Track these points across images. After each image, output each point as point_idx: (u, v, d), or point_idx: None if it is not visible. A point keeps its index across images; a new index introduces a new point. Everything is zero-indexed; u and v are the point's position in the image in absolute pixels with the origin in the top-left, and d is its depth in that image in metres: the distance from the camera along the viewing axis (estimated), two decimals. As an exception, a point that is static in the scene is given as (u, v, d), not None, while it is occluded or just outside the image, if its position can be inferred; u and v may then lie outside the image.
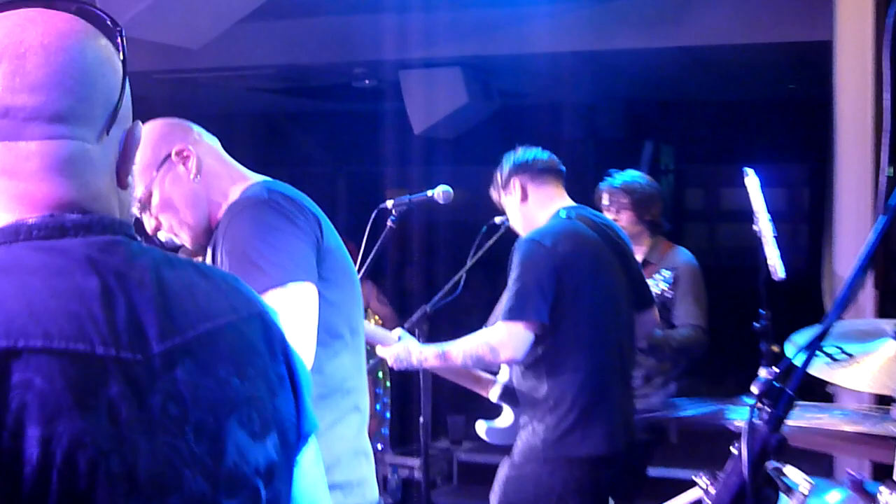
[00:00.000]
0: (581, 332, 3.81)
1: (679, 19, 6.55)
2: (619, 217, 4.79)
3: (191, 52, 6.37)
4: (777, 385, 1.32)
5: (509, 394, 4.00)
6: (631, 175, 4.97)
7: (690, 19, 6.55)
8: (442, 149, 8.34)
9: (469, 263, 4.26)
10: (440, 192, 3.95)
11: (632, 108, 9.12)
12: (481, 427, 4.18)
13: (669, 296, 4.82)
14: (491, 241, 4.30)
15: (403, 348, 3.93)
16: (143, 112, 1.52)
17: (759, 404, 1.32)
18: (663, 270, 4.86)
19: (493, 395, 4.05)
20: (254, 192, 2.56)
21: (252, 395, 1.31)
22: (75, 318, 1.19)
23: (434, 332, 4.14)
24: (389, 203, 3.90)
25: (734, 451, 1.34)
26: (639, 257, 4.67)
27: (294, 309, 2.36)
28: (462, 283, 4.25)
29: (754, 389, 1.30)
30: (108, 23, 1.34)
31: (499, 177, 4.13)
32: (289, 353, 1.41)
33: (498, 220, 4.32)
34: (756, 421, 1.31)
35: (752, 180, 3.78)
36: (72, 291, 1.20)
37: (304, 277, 2.42)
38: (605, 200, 4.88)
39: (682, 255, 4.96)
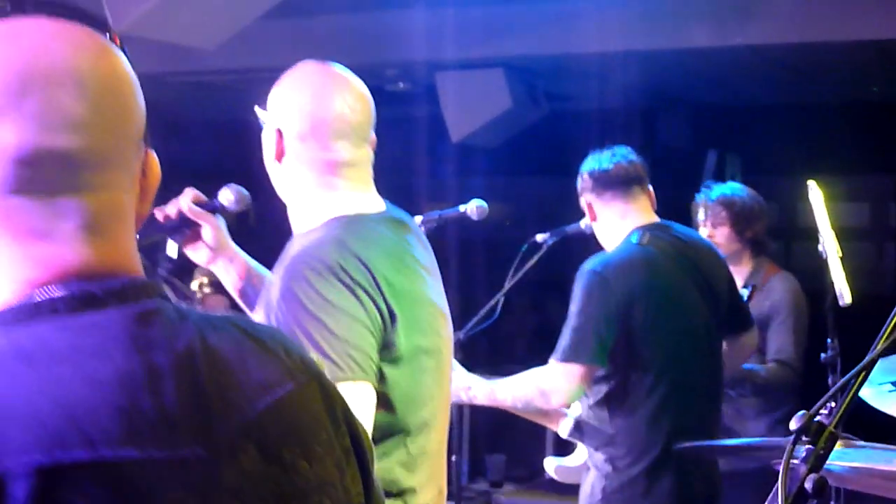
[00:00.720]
0: (651, 373, 3.79)
1: (746, 14, 6.55)
2: (715, 233, 4.79)
3: (205, 53, 6.45)
4: (817, 419, 1.34)
5: (582, 429, 3.99)
6: (731, 187, 4.99)
7: (759, 14, 6.55)
8: (483, 158, 8.38)
9: (507, 285, 4.29)
10: (473, 208, 3.93)
11: (694, 113, 9.12)
12: (550, 464, 4.18)
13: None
14: (532, 262, 4.32)
15: (455, 380, 3.87)
16: (155, 118, 1.45)
17: (798, 441, 1.34)
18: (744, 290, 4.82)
19: (563, 429, 4.02)
20: (322, 243, 2.51)
21: (323, 479, 1.24)
22: (121, 414, 1.07)
23: (471, 361, 4.16)
24: (418, 219, 3.92)
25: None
26: (738, 280, 4.66)
27: None
28: (500, 307, 4.27)
29: (793, 425, 1.33)
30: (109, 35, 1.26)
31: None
32: (351, 420, 1.33)
33: (540, 237, 4.33)
34: (794, 460, 1.32)
35: (815, 193, 3.79)
36: (112, 379, 1.09)
37: (360, 376, 2.39)
38: (701, 214, 4.88)
39: (786, 282, 4.93)
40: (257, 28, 6.29)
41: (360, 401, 2.37)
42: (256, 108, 2.72)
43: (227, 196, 2.85)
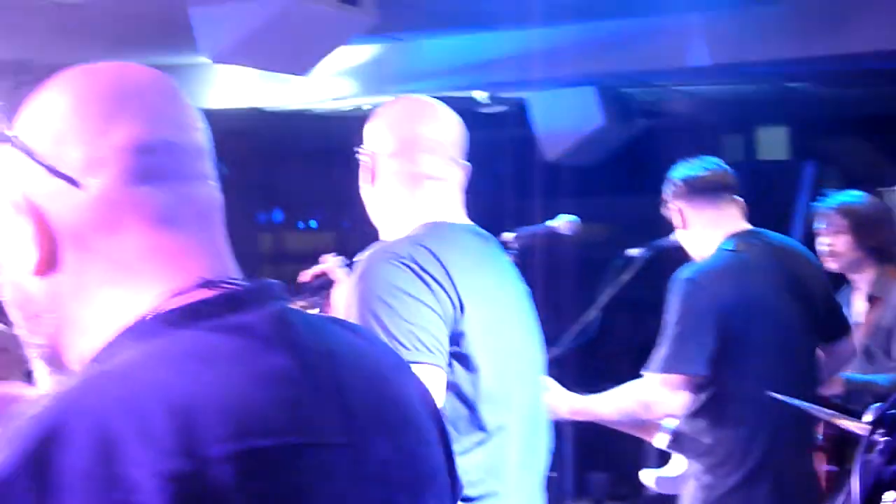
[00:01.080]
0: (746, 383, 3.79)
1: (838, 24, 6.49)
2: (835, 241, 4.75)
3: (298, 81, 6.57)
4: (894, 411, 1.35)
5: (680, 440, 3.99)
6: (851, 195, 4.94)
7: (852, 23, 6.48)
8: (576, 177, 8.39)
9: (601, 302, 4.29)
10: (565, 223, 3.91)
11: (790, 125, 9.05)
12: (650, 476, 4.18)
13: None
14: (627, 275, 4.32)
15: (553, 398, 3.88)
16: (245, 147, 1.53)
17: (874, 434, 1.35)
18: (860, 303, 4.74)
19: (660, 441, 4.03)
20: (399, 241, 2.67)
21: (435, 463, 1.32)
22: (287, 407, 1.18)
23: (565, 378, 4.18)
24: (510, 236, 3.93)
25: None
26: (863, 289, 4.62)
27: None
28: (596, 325, 4.28)
29: (868, 417, 1.35)
30: None
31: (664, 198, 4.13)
32: (437, 407, 1.43)
33: (633, 251, 4.33)
34: (869, 453, 1.33)
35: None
36: (273, 375, 1.19)
37: (426, 357, 2.49)
38: (820, 223, 4.86)
39: None
40: (345, 54, 6.37)
41: (428, 382, 2.44)
42: (356, 149, 2.85)
43: None
